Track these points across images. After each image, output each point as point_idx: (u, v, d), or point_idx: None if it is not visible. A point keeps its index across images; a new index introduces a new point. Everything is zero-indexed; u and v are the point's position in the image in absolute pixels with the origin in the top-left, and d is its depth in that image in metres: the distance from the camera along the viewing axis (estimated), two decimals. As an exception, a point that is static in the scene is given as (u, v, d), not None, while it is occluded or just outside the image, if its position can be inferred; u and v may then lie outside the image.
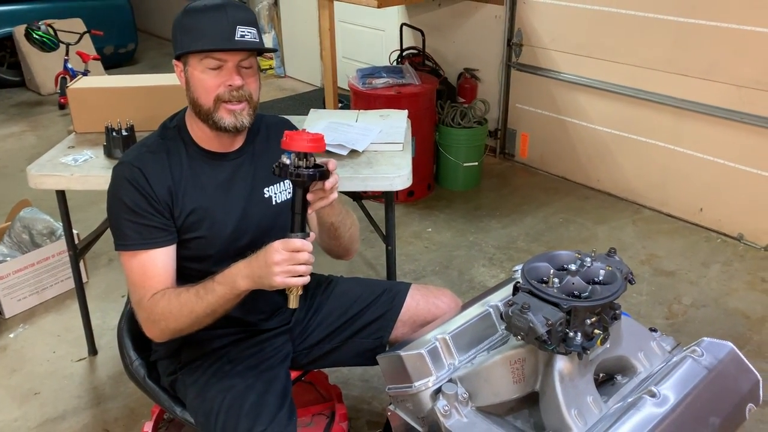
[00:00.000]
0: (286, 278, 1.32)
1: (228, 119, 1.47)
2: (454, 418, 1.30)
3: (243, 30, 1.42)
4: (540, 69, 3.94)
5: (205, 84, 1.45)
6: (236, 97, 1.46)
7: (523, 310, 1.19)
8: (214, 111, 1.46)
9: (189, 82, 1.48)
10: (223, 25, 1.41)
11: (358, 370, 2.39)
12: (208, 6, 1.44)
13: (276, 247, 1.32)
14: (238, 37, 1.42)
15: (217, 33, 1.41)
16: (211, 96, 1.45)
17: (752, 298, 2.86)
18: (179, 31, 1.46)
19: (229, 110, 1.47)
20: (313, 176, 1.34)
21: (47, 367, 2.52)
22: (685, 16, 3.21)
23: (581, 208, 3.68)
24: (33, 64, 5.78)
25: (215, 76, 1.44)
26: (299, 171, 1.33)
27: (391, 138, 2.30)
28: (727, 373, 1.33)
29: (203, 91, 1.46)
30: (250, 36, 1.44)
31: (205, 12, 1.44)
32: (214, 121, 1.47)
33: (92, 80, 2.54)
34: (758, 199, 3.20)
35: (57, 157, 2.21)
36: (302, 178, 1.33)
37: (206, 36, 1.41)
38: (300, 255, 1.32)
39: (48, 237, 2.99)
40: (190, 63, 1.46)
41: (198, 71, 1.45)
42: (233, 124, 1.48)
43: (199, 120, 1.50)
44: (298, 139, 1.31)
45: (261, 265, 1.33)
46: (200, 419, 1.51)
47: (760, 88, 3.03)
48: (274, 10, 6.07)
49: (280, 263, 1.31)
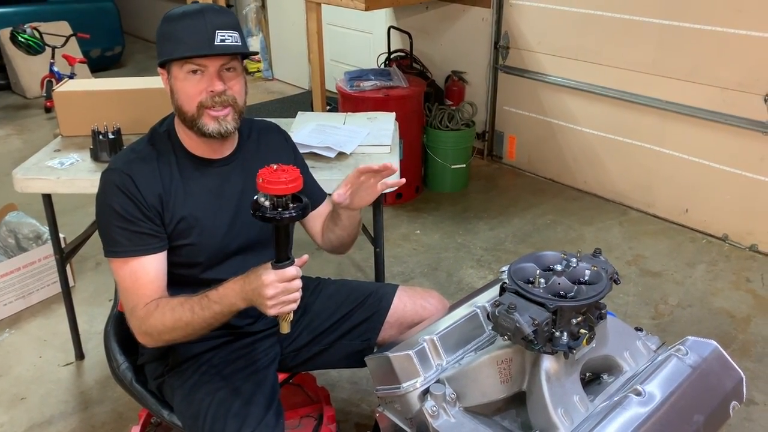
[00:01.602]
0: (281, 308, 1.31)
1: (212, 125, 1.46)
2: (442, 418, 1.30)
3: (223, 34, 1.41)
4: (527, 71, 3.97)
5: (188, 91, 1.44)
6: (219, 103, 1.45)
7: (510, 310, 1.20)
8: (198, 117, 1.46)
9: (173, 89, 1.47)
10: (201, 31, 1.40)
11: (347, 372, 2.40)
12: (186, 12, 1.44)
13: (271, 280, 1.29)
14: (217, 41, 1.41)
15: (196, 39, 1.40)
16: (194, 103, 1.45)
17: (737, 298, 2.89)
18: (160, 38, 1.46)
19: (213, 116, 1.46)
20: (295, 218, 1.29)
21: (34, 372, 2.51)
22: (669, 18, 3.25)
23: (568, 210, 3.71)
24: (18, 67, 5.74)
25: (197, 83, 1.44)
26: (281, 215, 1.27)
27: (379, 140, 2.30)
28: (711, 371, 1.34)
29: (186, 98, 1.45)
30: (231, 40, 1.43)
31: (183, 18, 1.43)
32: (199, 128, 1.47)
33: (78, 83, 2.53)
34: (743, 200, 3.24)
35: (43, 161, 2.20)
36: (284, 222, 1.28)
37: (185, 42, 1.41)
38: (294, 284, 1.31)
39: (34, 241, 2.96)
40: (173, 70, 1.45)
41: (180, 79, 1.45)
42: (217, 130, 1.47)
43: (185, 126, 1.50)
44: (275, 182, 1.25)
45: (255, 295, 1.31)
46: (187, 422, 1.50)
47: (743, 90, 3.07)
48: (262, 12, 6.07)
49: (275, 296, 1.29)
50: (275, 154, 1.65)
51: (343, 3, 3.57)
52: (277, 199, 1.28)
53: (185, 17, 1.43)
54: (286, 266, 1.31)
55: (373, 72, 3.85)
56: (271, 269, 1.30)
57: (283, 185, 1.26)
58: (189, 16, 1.42)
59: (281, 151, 1.69)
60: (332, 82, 4.08)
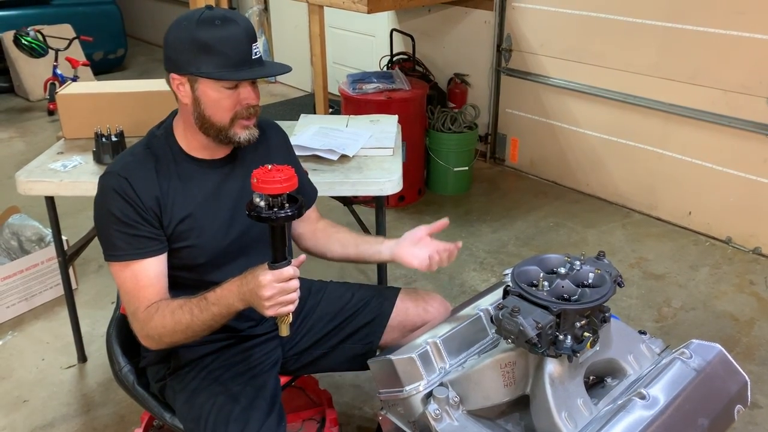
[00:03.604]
0: (278, 309, 1.31)
1: (243, 134, 1.48)
2: (445, 421, 1.30)
3: (257, 46, 1.43)
4: (529, 74, 3.96)
5: (223, 104, 1.43)
6: (253, 113, 1.47)
7: (513, 313, 1.20)
8: (229, 128, 1.46)
9: (200, 100, 1.43)
10: (242, 44, 1.39)
11: (350, 375, 2.39)
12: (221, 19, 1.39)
13: (268, 281, 1.29)
14: (254, 55, 1.41)
15: (238, 53, 1.39)
16: (229, 115, 1.44)
17: (740, 301, 2.88)
18: (193, 45, 1.38)
19: (245, 126, 1.47)
20: (291, 217, 1.28)
21: (36, 375, 2.50)
22: (671, 21, 3.24)
23: (571, 213, 3.70)
24: (22, 70, 5.75)
25: (231, 95, 1.43)
26: (276, 214, 1.27)
27: (382, 143, 2.30)
28: (716, 375, 1.34)
29: (220, 110, 1.44)
30: (259, 51, 1.44)
31: (220, 28, 1.38)
32: (228, 137, 1.47)
33: (81, 86, 2.52)
34: (746, 203, 3.23)
35: (46, 163, 2.20)
36: (280, 221, 1.28)
37: (228, 57, 1.38)
38: (291, 284, 1.31)
39: (37, 243, 2.97)
40: (202, 81, 1.41)
41: (212, 90, 1.42)
42: (247, 138, 1.49)
43: (200, 133, 1.48)
44: (270, 182, 1.24)
45: (252, 296, 1.31)
46: (189, 426, 1.50)
47: (746, 92, 3.06)
48: (264, 15, 6.07)
49: (272, 297, 1.29)
50: (274, 151, 1.64)
51: (345, 6, 3.57)
52: (273, 199, 1.28)
53: (220, 27, 1.38)
54: (283, 266, 1.30)
55: (375, 75, 3.85)
56: (267, 270, 1.30)
57: (278, 185, 1.25)
58: (224, 26, 1.38)
59: (280, 149, 1.68)
60: (335, 85, 4.08)
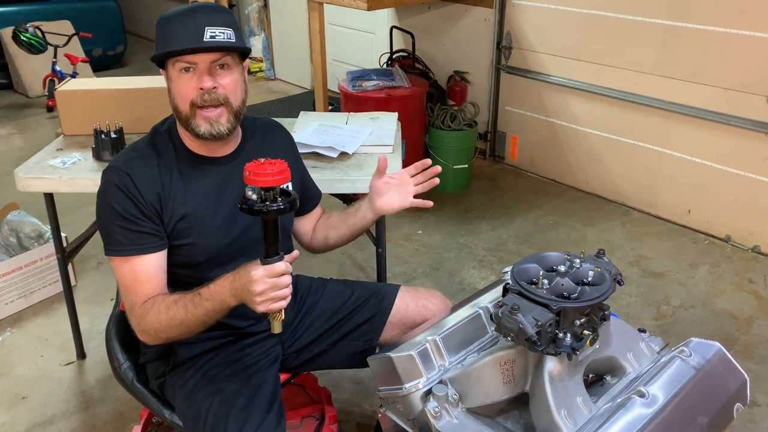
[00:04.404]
0: (270, 305, 1.30)
1: (204, 126, 1.45)
2: (445, 419, 1.30)
3: (213, 31, 1.40)
4: (529, 72, 3.96)
5: (180, 90, 1.44)
6: (209, 101, 1.43)
7: (513, 311, 1.20)
8: (191, 118, 1.45)
9: (169, 89, 1.47)
10: (190, 28, 1.40)
11: (349, 372, 2.39)
12: (178, 12, 1.44)
13: (259, 276, 1.28)
14: (207, 38, 1.40)
15: (184, 36, 1.40)
16: (187, 102, 1.44)
17: (740, 299, 2.88)
18: (156, 39, 1.47)
19: (205, 117, 1.44)
20: (283, 210, 1.27)
21: (35, 371, 2.50)
22: (672, 19, 3.24)
23: (570, 210, 3.70)
24: (21, 66, 5.74)
25: (188, 81, 1.43)
26: (268, 207, 1.26)
27: (381, 140, 2.30)
28: (715, 373, 1.34)
29: (179, 97, 1.44)
30: (222, 36, 1.41)
31: (174, 18, 1.43)
32: (192, 129, 1.46)
33: (81, 82, 2.52)
34: (745, 201, 3.23)
35: (45, 160, 2.20)
36: (272, 215, 1.27)
37: (175, 40, 1.41)
38: (282, 279, 1.30)
39: (36, 240, 2.96)
40: (168, 70, 1.46)
41: (173, 78, 1.44)
42: (209, 132, 1.45)
43: (182, 127, 1.50)
44: (262, 174, 1.24)
45: (244, 291, 1.31)
46: (188, 422, 1.50)
47: (746, 91, 3.06)
48: (264, 12, 6.07)
49: (264, 292, 1.28)
50: (279, 152, 1.64)
51: (345, 3, 3.57)
52: (265, 192, 1.27)
53: (176, 17, 1.43)
54: (275, 261, 1.30)
55: (375, 72, 3.85)
56: (259, 265, 1.30)
57: (270, 177, 1.25)
58: (180, 15, 1.42)
59: (284, 150, 1.68)
60: (334, 82, 4.08)
